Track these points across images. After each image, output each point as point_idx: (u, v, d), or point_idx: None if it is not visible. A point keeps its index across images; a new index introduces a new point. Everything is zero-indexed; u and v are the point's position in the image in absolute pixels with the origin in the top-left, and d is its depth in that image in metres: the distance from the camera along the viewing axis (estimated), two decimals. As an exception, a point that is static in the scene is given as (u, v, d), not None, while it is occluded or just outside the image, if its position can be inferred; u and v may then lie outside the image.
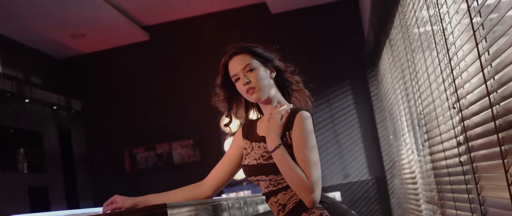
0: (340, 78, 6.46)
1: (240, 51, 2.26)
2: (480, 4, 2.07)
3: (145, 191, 7.14)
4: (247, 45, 2.29)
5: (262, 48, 2.31)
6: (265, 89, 2.23)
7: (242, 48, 2.27)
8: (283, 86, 2.35)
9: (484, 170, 2.44)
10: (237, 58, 2.26)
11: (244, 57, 2.25)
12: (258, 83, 2.21)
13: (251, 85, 2.21)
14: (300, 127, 2.15)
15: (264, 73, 2.25)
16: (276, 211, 2.23)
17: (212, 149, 6.47)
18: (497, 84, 2.04)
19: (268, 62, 2.29)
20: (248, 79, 2.21)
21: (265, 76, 2.25)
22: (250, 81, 2.21)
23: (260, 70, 2.24)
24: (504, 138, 2.02)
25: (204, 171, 7.31)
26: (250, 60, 2.24)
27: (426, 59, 3.39)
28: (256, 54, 2.26)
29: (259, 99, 2.23)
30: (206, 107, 6.37)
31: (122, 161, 6.61)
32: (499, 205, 2.25)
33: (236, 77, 2.25)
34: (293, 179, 2.08)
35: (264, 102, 2.28)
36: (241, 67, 2.23)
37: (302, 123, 2.15)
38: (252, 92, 2.21)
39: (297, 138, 2.14)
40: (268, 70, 2.28)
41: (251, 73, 2.22)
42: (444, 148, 3.22)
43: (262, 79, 2.22)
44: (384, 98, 6.15)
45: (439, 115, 3.25)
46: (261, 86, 2.21)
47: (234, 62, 2.26)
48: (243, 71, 2.23)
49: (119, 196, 2.26)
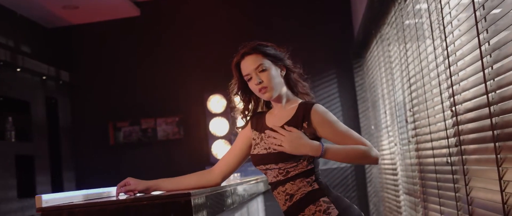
0: (326, 66, 6.59)
1: (252, 52, 2.38)
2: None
3: (128, 165, 7.20)
4: (258, 45, 2.40)
5: (272, 47, 2.43)
6: (276, 88, 2.36)
7: (254, 49, 2.38)
8: (292, 83, 2.47)
9: (474, 173, 2.59)
10: (249, 58, 2.37)
11: (256, 57, 2.36)
12: (270, 83, 2.33)
13: (264, 85, 2.33)
14: (322, 117, 2.30)
15: (275, 72, 2.37)
16: (282, 200, 2.35)
17: (196, 127, 6.57)
18: (496, 85, 2.16)
19: (279, 61, 2.40)
20: (260, 79, 2.33)
21: (276, 75, 2.37)
22: (262, 81, 2.33)
23: (272, 69, 2.35)
24: (499, 136, 2.16)
25: (188, 149, 7.42)
26: (262, 60, 2.35)
27: (420, 53, 3.48)
28: (267, 54, 2.37)
29: (271, 97, 2.36)
30: (193, 86, 6.49)
31: (106, 134, 6.68)
32: (489, 207, 2.41)
33: (249, 76, 2.36)
34: (355, 156, 2.26)
35: (275, 100, 2.41)
36: (253, 67, 2.35)
37: (321, 114, 2.31)
38: (265, 91, 2.34)
39: (326, 127, 2.30)
40: (278, 68, 2.39)
41: (263, 73, 2.34)
42: (433, 146, 3.36)
43: (274, 78, 2.34)
44: (368, 89, 6.30)
45: (431, 114, 3.38)
46: (273, 86, 2.34)
47: (246, 62, 2.37)
48: (255, 71, 2.35)
49: (132, 179, 2.36)
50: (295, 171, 2.30)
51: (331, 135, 2.30)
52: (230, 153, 2.54)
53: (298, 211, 2.30)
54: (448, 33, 2.80)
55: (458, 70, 2.68)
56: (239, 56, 2.41)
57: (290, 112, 2.39)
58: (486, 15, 2.20)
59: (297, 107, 2.38)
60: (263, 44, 2.42)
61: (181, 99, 6.65)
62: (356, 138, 2.30)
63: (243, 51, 2.41)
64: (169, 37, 6.80)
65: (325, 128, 2.30)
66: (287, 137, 2.27)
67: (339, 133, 2.30)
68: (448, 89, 2.87)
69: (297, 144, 2.25)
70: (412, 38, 3.76)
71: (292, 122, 2.34)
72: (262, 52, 2.37)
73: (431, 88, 3.35)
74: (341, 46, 6.60)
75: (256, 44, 2.41)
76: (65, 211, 1.86)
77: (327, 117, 2.32)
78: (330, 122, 2.31)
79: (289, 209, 2.33)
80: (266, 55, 2.37)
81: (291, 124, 2.34)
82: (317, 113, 2.32)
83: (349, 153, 2.25)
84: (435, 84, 3.20)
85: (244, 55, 2.39)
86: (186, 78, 6.65)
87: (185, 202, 1.83)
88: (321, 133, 2.31)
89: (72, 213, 1.86)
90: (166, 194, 1.87)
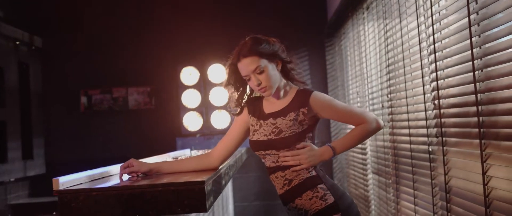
0: (299, 43, 6.70)
1: (248, 54, 2.44)
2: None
3: (98, 132, 7.22)
4: (253, 45, 2.46)
5: (267, 42, 2.49)
6: (275, 85, 2.48)
7: (250, 51, 2.44)
8: (288, 73, 2.58)
9: (455, 164, 2.75)
10: (246, 60, 2.45)
11: (252, 60, 2.44)
12: (268, 82, 2.45)
13: (263, 85, 2.45)
14: (322, 103, 2.48)
15: (272, 70, 2.46)
16: (280, 184, 2.48)
17: (168, 98, 6.62)
18: (485, 76, 2.28)
19: (275, 57, 2.50)
20: (259, 80, 2.44)
21: (273, 72, 2.47)
22: (261, 82, 2.44)
23: (269, 68, 2.45)
24: (485, 134, 2.32)
25: (159, 119, 7.48)
26: (258, 62, 2.44)
27: (402, 35, 3.55)
28: (263, 54, 2.45)
29: (271, 94, 2.49)
30: (166, 57, 6.51)
31: (78, 101, 6.67)
32: (468, 197, 2.58)
33: (247, 77, 2.47)
34: (359, 138, 2.48)
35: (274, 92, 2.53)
36: (251, 69, 2.44)
37: (320, 100, 2.48)
38: (265, 90, 2.46)
39: (328, 110, 2.49)
40: (274, 63, 2.49)
41: (261, 74, 2.44)
42: (410, 133, 3.52)
43: (272, 77, 2.45)
44: (339, 68, 6.44)
45: (410, 102, 3.52)
46: (271, 84, 2.46)
47: (243, 64, 2.45)
48: (253, 73, 2.44)
49: (135, 160, 2.43)
50: None
51: (334, 115, 2.54)
52: (227, 138, 2.64)
53: (296, 195, 2.43)
54: (434, 12, 2.87)
55: (443, 56, 2.79)
56: (235, 58, 2.49)
57: (288, 98, 2.52)
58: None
59: (295, 94, 2.50)
60: (257, 42, 2.48)
61: (154, 69, 6.67)
62: (358, 113, 2.50)
63: (239, 52, 2.48)
64: (144, 7, 6.78)
65: (327, 111, 2.48)
66: (303, 156, 2.43)
67: (341, 113, 2.51)
68: (431, 74, 2.99)
69: (313, 158, 2.44)
70: (394, 16, 3.80)
71: (290, 107, 2.47)
72: (258, 53, 2.44)
73: (411, 71, 3.43)
74: (315, 24, 6.71)
75: (251, 44, 2.47)
76: (82, 194, 1.94)
77: (327, 102, 2.49)
78: (330, 105, 2.49)
79: (286, 193, 2.47)
80: (262, 55, 2.45)
81: (290, 108, 2.47)
82: (316, 100, 2.47)
83: (354, 139, 2.47)
84: (417, 67, 3.28)
85: (240, 57, 2.47)
86: (160, 49, 6.67)
87: (199, 189, 1.93)
88: (324, 115, 2.49)
89: (89, 196, 1.94)
90: (181, 181, 1.96)
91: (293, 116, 2.44)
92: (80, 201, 1.92)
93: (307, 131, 2.46)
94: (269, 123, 2.49)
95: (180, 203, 1.92)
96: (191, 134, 6.45)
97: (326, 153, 2.45)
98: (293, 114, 2.44)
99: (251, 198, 6.57)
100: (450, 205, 2.82)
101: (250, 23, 6.51)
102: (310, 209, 2.40)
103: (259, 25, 6.50)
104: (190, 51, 6.63)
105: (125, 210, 1.92)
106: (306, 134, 2.46)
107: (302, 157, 2.42)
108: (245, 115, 2.63)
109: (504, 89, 2.13)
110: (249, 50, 2.45)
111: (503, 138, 2.14)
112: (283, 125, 2.44)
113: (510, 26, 2.05)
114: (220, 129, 6.41)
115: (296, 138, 2.43)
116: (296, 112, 2.44)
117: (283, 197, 2.50)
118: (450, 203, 2.82)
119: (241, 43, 2.49)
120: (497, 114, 2.19)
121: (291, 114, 2.45)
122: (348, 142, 2.48)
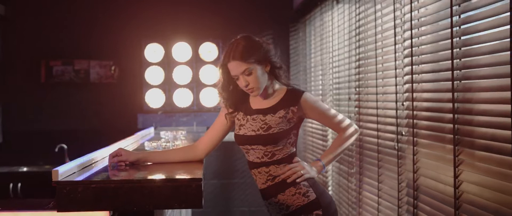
0: (264, 25, 6.75)
1: (238, 58, 2.53)
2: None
3: (59, 104, 7.16)
4: (244, 49, 2.53)
5: (257, 46, 2.58)
6: (262, 86, 2.60)
7: (241, 56, 2.52)
8: (277, 75, 2.67)
9: (425, 164, 2.90)
10: (235, 62, 2.54)
11: (241, 62, 2.53)
12: (256, 84, 2.55)
13: (250, 86, 2.56)
14: (312, 105, 2.63)
15: (261, 71, 2.57)
16: (263, 180, 2.59)
17: (131, 74, 6.59)
18: (462, 75, 2.42)
19: (265, 61, 2.58)
20: (247, 81, 2.54)
21: (261, 74, 2.57)
22: (249, 83, 2.53)
23: (257, 70, 2.55)
24: (459, 140, 2.47)
25: (121, 94, 7.46)
26: (247, 64, 2.53)
27: (377, 25, 3.66)
28: (252, 56, 2.54)
29: (258, 94, 2.61)
30: (130, 32, 6.47)
31: (38, 71, 6.58)
32: (437, 197, 2.74)
33: (236, 77, 2.57)
34: (343, 146, 2.71)
35: None
36: (240, 71, 2.54)
37: (310, 102, 2.63)
38: (252, 91, 2.57)
39: (315, 112, 2.66)
40: (263, 66, 2.58)
41: (250, 76, 2.54)
42: (378, 128, 3.65)
43: (260, 78, 2.56)
44: (302, 54, 6.55)
45: (380, 91, 3.65)
46: (259, 86, 2.57)
47: (233, 65, 2.55)
48: (242, 74, 2.54)
49: (123, 150, 2.50)
50: (280, 155, 2.55)
51: (319, 117, 2.70)
52: (212, 131, 2.72)
53: (279, 191, 2.55)
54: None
55: (420, 52, 2.90)
56: (226, 58, 2.58)
57: (277, 96, 2.62)
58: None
59: (285, 93, 2.60)
60: (249, 45, 2.56)
61: (118, 44, 6.62)
62: (338, 119, 2.69)
63: (230, 54, 2.56)
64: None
65: (314, 112, 2.65)
66: (300, 168, 2.58)
67: (326, 117, 2.68)
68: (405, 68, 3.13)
69: (310, 168, 2.61)
70: (366, 1, 3.88)
71: (280, 105, 2.58)
72: (247, 56, 2.53)
73: (383, 61, 3.55)
74: (281, 7, 6.76)
75: (243, 47, 2.55)
76: (80, 186, 1.99)
77: (316, 104, 2.65)
78: (319, 108, 2.65)
79: (269, 188, 2.58)
80: (250, 57, 2.54)
81: (279, 106, 2.59)
82: (307, 100, 2.61)
83: (338, 149, 2.66)
84: (390, 59, 3.39)
85: (230, 59, 2.55)
86: (125, 23, 6.62)
87: (196, 186, 2.01)
88: (310, 116, 2.66)
89: (88, 188, 1.99)
90: (179, 178, 2.04)
91: (282, 114, 2.55)
92: (79, 192, 1.97)
93: (293, 129, 2.58)
94: (257, 119, 2.58)
95: (177, 199, 1.99)
96: (152, 111, 6.48)
97: (319, 169, 2.65)
98: (283, 111, 2.55)
99: (209, 176, 6.66)
100: (417, 201, 2.98)
101: (217, 3, 6.52)
102: (292, 205, 2.52)
103: (225, 5, 6.54)
104: (155, 28, 6.61)
105: (123, 203, 1.99)
106: (292, 131, 2.58)
107: (301, 169, 2.56)
108: None
109: (481, 103, 2.27)
110: (240, 54, 2.53)
111: (479, 149, 2.28)
112: (272, 122, 2.54)
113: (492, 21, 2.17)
114: (182, 107, 6.46)
115: (283, 134, 2.54)
116: (286, 110, 2.55)
117: (265, 191, 2.60)
118: (417, 200, 2.98)
119: (233, 42, 2.56)
120: (474, 125, 2.34)
121: (281, 112, 2.55)
122: (335, 155, 2.72)
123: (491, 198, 2.19)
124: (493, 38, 2.17)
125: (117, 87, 6.61)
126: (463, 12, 2.42)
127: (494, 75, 2.17)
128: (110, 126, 6.48)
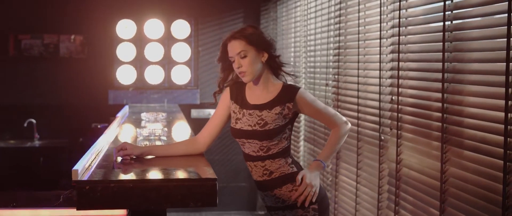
0: (235, 4, 6.80)
1: (238, 37, 2.65)
2: None
3: (27, 78, 7.08)
4: (244, 32, 2.66)
5: (259, 35, 2.69)
6: (254, 73, 2.68)
7: (241, 34, 2.65)
8: (274, 66, 2.77)
9: (411, 158, 3.07)
10: (234, 42, 2.67)
11: (240, 43, 2.65)
12: (248, 68, 2.65)
13: (242, 69, 2.66)
14: (307, 102, 2.72)
15: (256, 58, 2.67)
16: (259, 173, 2.70)
17: (102, 50, 6.55)
18: (453, 67, 2.60)
19: (263, 49, 2.69)
20: (240, 64, 2.65)
21: (256, 61, 2.67)
22: (241, 66, 2.62)
23: (252, 56, 2.65)
24: (446, 138, 2.64)
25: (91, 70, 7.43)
26: (244, 47, 2.65)
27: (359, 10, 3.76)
28: (251, 41, 2.65)
29: (249, 81, 2.71)
30: (102, 7, 6.41)
31: (6, 45, 6.48)
32: (420, 188, 2.91)
33: (232, 59, 2.68)
34: (339, 142, 2.78)
35: (254, 82, 2.73)
36: (236, 52, 2.65)
37: (306, 99, 2.72)
38: (243, 75, 2.68)
39: (310, 108, 2.75)
40: (260, 54, 2.68)
41: (244, 59, 2.65)
42: (359, 117, 3.80)
43: (252, 64, 2.66)
44: (272, 33, 6.61)
45: (362, 87, 3.78)
46: (251, 71, 2.66)
47: (231, 46, 2.68)
48: (237, 56, 2.65)
49: (128, 144, 2.57)
50: (276, 149, 2.66)
51: (313, 114, 2.80)
52: (211, 124, 2.81)
53: (276, 186, 2.68)
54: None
55: (407, 41, 3.07)
56: (226, 39, 2.70)
57: (273, 92, 2.71)
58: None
59: (281, 88, 2.70)
60: (252, 30, 2.68)
61: (89, 19, 6.55)
62: (332, 115, 2.78)
63: (232, 34, 2.68)
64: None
65: (309, 109, 2.74)
66: (309, 188, 2.65)
67: (320, 113, 2.77)
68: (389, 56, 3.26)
69: (314, 178, 2.69)
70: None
71: (276, 101, 2.68)
72: (246, 39, 2.65)
73: (365, 52, 3.66)
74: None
75: (245, 29, 2.68)
76: (100, 185, 2.07)
77: (311, 101, 2.74)
78: (313, 104, 2.74)
79: (265, 182, 2.70)
80: (251, 42, 2.65)
81: (275, 102, 2.68)
82: (303, 97, 2.71)
83: (335, 146, 2.77)
84: (375, 45, 3.49)
85: (231, 39, 2.67)
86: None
87: (211, 186, 2.11)
88: (305, 112, 2.76)
89: (107, 187, 2.07)
90: (195, 178, 2.14)
91: (278, 110, 2.65)
92: (98, 191, 2.05)
93: (288, 124, 2.70)
94: (254, 114, 2.68)
95: (192, 198, 2.09)
96: (123, 88, 6.50)
97: (318, 166, 2.72)
98: (279, 108, 2.65)
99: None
100: (398, 191, 3.15)
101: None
102: (289, 199, 2.65)
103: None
104: (128, 4, 6.58)
105: (141, 202, 2.08)
106: (287, 126, 2.69)
107: (308, 188, 2.64)
108: (227, 100, 2.81)
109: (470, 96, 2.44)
110: (241, 34, 2.65)
111: (468, 149, 2.45)
112: (268, 118, 2.65)
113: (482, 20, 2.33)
114: (154, 84, 6.49)
115: (279, 130, 2.65)
116: (282, 106, 2.65)
117: (261, 184, 2.73)
118: (398, 190, 3.15)
119: (240, 27, 2.68)
120: (464, 126, 2.50)
121: (277, 108, 2.65)
122: (333, 152, 2.79)
123: (479, 194, 2.36)
124: (486, 35, 2.34)
125: (88, 63, 6.58)
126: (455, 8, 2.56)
127: (487, 71, 2.33)
128: (81, 101, 6.47)
